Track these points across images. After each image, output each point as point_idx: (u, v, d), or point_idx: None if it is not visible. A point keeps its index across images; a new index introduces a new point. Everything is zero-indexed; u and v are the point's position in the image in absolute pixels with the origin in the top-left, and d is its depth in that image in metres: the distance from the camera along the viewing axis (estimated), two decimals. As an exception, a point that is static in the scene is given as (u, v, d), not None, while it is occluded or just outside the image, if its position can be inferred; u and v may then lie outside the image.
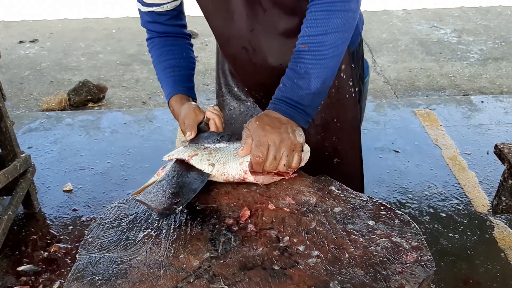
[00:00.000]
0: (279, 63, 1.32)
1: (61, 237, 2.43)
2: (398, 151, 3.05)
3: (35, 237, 2.42)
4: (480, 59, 4.69)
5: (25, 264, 2.24)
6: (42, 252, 2.32)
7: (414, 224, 0.95)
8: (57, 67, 4.72)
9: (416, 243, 0.90)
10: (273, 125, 1.08)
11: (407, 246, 0.90)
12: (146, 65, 4.67)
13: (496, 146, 1.25)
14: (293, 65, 1.15)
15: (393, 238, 0.92)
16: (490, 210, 2.55)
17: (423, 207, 2.58)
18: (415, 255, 0.87)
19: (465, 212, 2.54)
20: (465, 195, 2.66)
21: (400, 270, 0.84)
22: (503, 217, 2.51)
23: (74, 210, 2.61)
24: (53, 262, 2.26)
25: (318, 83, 1.13)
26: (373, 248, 0.90)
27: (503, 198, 1.20)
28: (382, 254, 0.88)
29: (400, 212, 0.98)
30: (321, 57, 1.12)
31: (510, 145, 1.23)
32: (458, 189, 2.71)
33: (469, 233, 2.40)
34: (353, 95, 1.44)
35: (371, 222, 0.96)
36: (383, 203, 1.01)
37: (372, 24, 5.61)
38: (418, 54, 4.81)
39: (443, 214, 2.53)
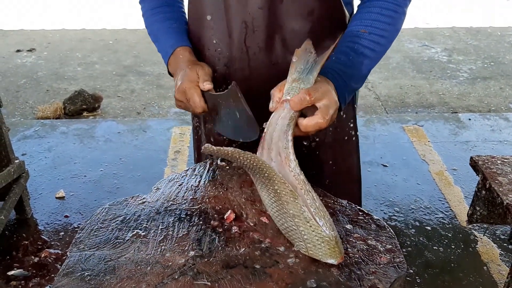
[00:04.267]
0: (277, 59, 1.21)
1: (52, 243, 2.46)
2: (386, 166, 3.12)
3: (26, 242, 2.45)
4: (469, 78, 4.79)
5: (15, 268, 2.27)
6: (32, 257, 2.35)
7: (389, 228, 1.00)
8: (53, 76, 4.78)
9: (390, 246, 0.96)
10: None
11: (381, 249, 0.95)
12: (141, 76, 4.74)
13: (471, 158, 1.31)
14: (349, 44, 1.11)
15: (369, 241, 0.97)
16: (474, 224, 2.62)
17: (409, 220, 2.64)
18: (389, 257, 0.92)
19: (450, 226, 2.60)
20: (450, 209, 2.72)
21: (373, 270, 0.89)
22: (487, 231, 2.57)
23: (66, 216, 2.64)
24: (44, 267, 2.29)
25: (367, 69, 1.13)
26: (349, 250, 0.95)
27: (478, 208, 1.26)
28: (357, 256, 0.93)
29: (377, 218, 1.04)
30: (378, 46, 1.13)
31: (485, 158, 1.29)
32: (443, 204, 2.77)
33: (453, 247, 2.46)
34: (353, 139, 1.38)
35: (349, 226, 1.02)
36: (361, 208, 1.06)
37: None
38: (409, 72, 4.91)
39: (429, 228, 2.59)
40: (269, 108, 1.03)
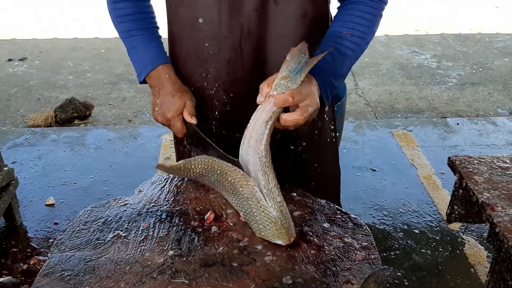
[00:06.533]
0: (276, 59, 1.22)
1: (41, 250, 2.45)
2: (375, 170, 3.14)
3: (15, 249, 2.45)
4: (458, 83, 4.84)
5: (4, 276, 2.26)
6: (21, 264, 2.34)
7: (366, 226, 1.02)
8: (45, 85, 4.78)
9: (366, 243, 0.98)
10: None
11: (357, 246, 0.97)
12: (133, 84, 4.76)
13: (449, 158, 1.34)
14: (333, 44, 1.18)
15: (345, 239, 0.99)
16: (462, 227, 2.64)
17: (397, 224, 2.65)
18: (364, 254, 0.94)
19: (438, 229, 2.62)
20: (438, 212, 2.74)
21: (348, 266, 0.91)
22: (474, 234, 2.59)
23: (56, 223, 2.64)
24: (33, 275, 2.28)
25: (348, 68, 1.21)
26: (326, 247, 0.97)
27: (455, 207, 1.29)
28: (333, 253, 0.95)
29: (354, 216, 1.06)
30: (358, 48, 1.21)
31: (462, 157, 1.32)
32: (431, 207, 2.79)
33: (440, 249, 2.47)
34: (334, 140, 1.42)
35: (326, 225, 1.04)
36: (339, 208, 1.08)
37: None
38: (399, 78, 4.96)
39: (416, 231, 2.60)
40: (257, 101, 1.08)
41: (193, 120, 1.24)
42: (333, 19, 1.27)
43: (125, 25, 1.31)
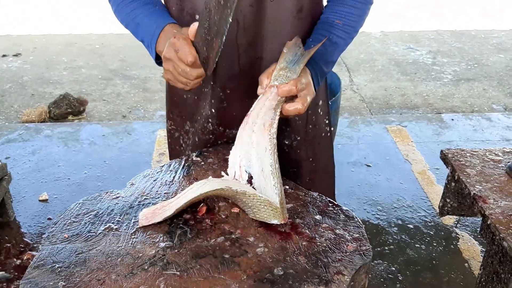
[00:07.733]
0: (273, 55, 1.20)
1: (35, 245, 2.45)
2: (369, 166, 3.15)
3: (8, 245, 2.44)
4: (453, 79, 4.85)
5: (-3, 271, 2.26)
6: (15, 259, 2.34)
7: (357, 218, 1.02)
8: (39, 80, 4.76)
9: (357, 235, 0.98)
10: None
11: (348, 238, 0.97)
12: (127, 80, 4.74)
13: (441, 151, 1.34)
14: (325, 33, 1.21)
15: (337, 230, 0.99)
16: (456, 222, 2.65)
17: (391, 219, 2.66)
18: (355, 245, 0.94)
19: (432, 224, 2.63)
20: (432, 207, 2.75)
21: (340, 258, 0.91)
22: (468, 228, 2.60)
23: (49, 219, 2.63)
24: (26, 270, 2.27)
25: (337, 56, 1.25)
26: (317, 239, 0.97)
27: (448, 200, 1.29)
28: (325, 245, 0.95)
29: (346, 208, 1.06)
30: (348, 36, 1.23)
31: (454, 150, 1.33)
32: (426, 202, 2.80)
33: (435, 244, 2.48)
34: (328, 134, 1.43)
35: (318, 217, 1.03)
36: (331, 200, 1.08)
37: (350, 44, 5.74)
38: (394, 74, 4.96)
39: (411, 226, 2.61)
40: (257, 92, 1.12)
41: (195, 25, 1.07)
42: (325, 6, 1.28)
43: (128, 7, 1.24)
